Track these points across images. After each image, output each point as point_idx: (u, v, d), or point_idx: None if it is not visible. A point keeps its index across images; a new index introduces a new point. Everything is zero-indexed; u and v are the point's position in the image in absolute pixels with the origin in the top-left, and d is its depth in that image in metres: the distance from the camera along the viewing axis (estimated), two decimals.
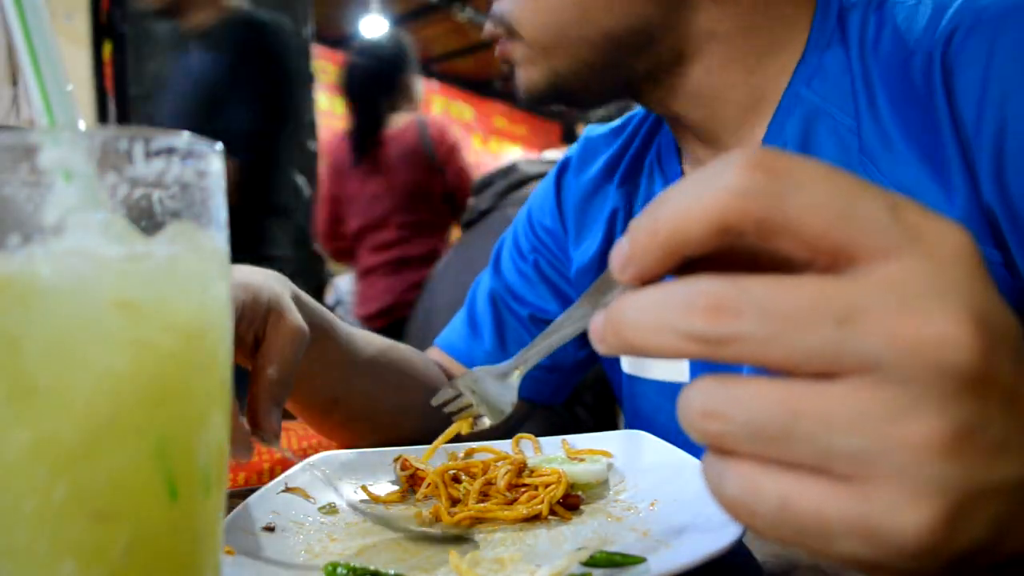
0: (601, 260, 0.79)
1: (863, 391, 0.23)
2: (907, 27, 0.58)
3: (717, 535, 0.40)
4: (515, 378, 0.50)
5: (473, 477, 0.54)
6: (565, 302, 0.83)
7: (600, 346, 0.27)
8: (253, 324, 0.57)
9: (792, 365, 0.23)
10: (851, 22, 0.61)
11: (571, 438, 0.63)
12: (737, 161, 0.24)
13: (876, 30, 0.59)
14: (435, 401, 0.56)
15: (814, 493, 0.24)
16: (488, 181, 1.88)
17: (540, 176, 1.77)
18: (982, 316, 0.23)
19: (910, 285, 0.23)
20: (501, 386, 0.50)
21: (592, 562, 0.40)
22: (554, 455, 0.61)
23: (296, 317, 0.59)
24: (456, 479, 0.55)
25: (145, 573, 0.27)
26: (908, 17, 0.58)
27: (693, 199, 0.24)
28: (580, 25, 0.62)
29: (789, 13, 0.63)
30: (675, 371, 0.71)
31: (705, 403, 0.25)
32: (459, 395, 0.53)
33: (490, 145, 9.33)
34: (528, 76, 0.66)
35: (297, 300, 0.62)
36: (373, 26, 7.40)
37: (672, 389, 0.72)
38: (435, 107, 9.26)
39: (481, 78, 8.49)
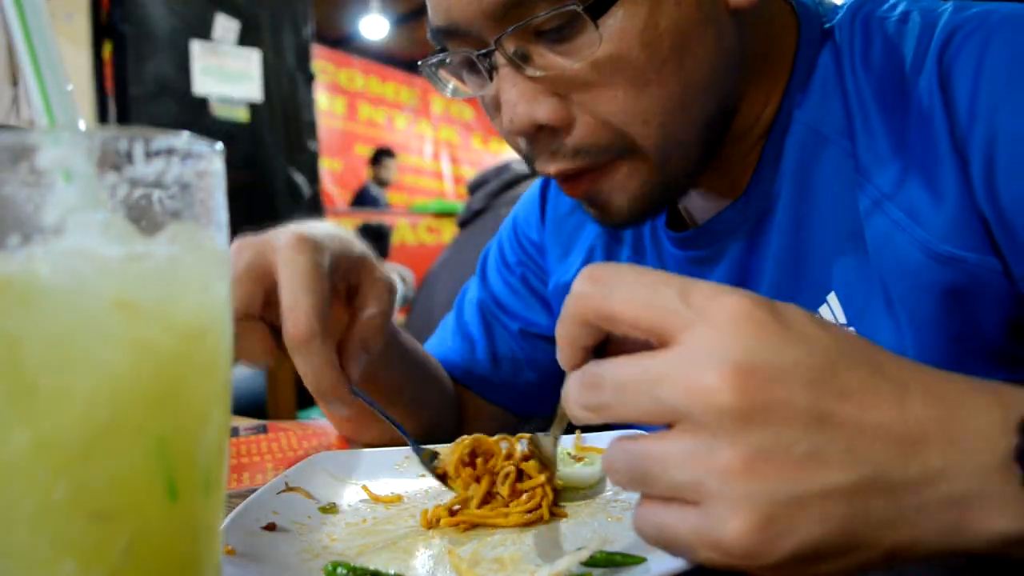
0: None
1: (683, 435, 0.31)
2: (896, 44, 0.57)
3: None
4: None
5: (488, 458, 0.53)
6: (555, 316, 0.83)
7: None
8: (348, 273, 0.59)
9: (641, 421, 0.32)
10: (839, 41, 0.59)
11: (571, 438, 0.63)
12: (581, 275, 0.35)
13: (865, 46, 0.58)
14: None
15: (672, 518, 0.32)
16: (482, 180, 1.88)
17: (530, 176, 1.77)
18: (745, 364, 0.30)
19: (696, 350, 0.31)
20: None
21: (592, 562, 0.40)
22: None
23: (386, 272, 0.61)
24: (472, 460, 0.54)
25: (145, 573, 0.27)
26: (897, 32, 0.57)
27: (565, 310, 0.36)
28: (686, 126, 0.55)
29: (774, 36, 0.61)
30: None
31: (606, 463, 0.34)
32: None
33: (490, 145, 9.34)
34: (635, 197, 0.57)
35: (388, 285, 0.64)
36: (373, 26, 7.40)
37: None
38: (435, 107, 9.27)
39: None
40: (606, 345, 0.36)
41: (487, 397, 0.84)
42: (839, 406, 0.30)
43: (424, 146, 8.93)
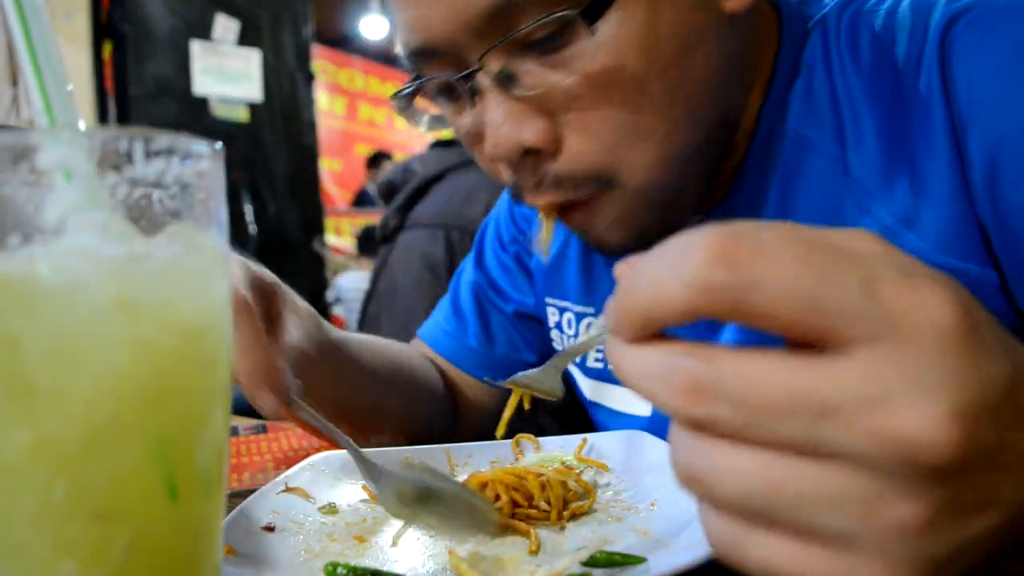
0: (556, 264, 0.76)
1: (841, 476, 0.23)
2: (889, 36, 0.53)
3: None
4: (555, 374, 0.47)
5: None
6: (540, 295, 0.81)
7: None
8: (263, 297, 0.55)
9: (769, 447, 0.24)
10: (827, 40, 0.56)
11: (573, 438, 0.63)
12: (699, 250, 0.24)
13: (853, 44, 0.55)
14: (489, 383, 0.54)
15: (791, 556, 0.25)
16: (390, 187, 1.83)
17: (439, 178, 1.73)
18: (961, 407, 0.23)
19: (886, 376, 0.23)
20: (547, 379, 0.47)
21: (592, 562, 0.40)
22: (553, 455, 0.61)
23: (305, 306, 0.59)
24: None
25: (145, 573, 0.27)
26: (887, 25, 0.54)
27: (667, 289, 0.25)
28: (687, 139, 0.51)
29: (759, 37, 0.58)
30: (636, 406, 0.70)
31: (688, 469, 0.26)
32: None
33: None
34: (625, 230, 0.53)
35: (308, 311, 0.62)
36: (373, 26, 7.40)
37: (633, 420, 0.70)
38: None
39: None
40: None
41: (482, 377, 0.83)
42: (1009, 436, 0.25)
43: (424, 146, 8.91)
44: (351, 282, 4.11)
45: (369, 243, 4.28)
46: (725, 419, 0.24)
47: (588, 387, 0.75)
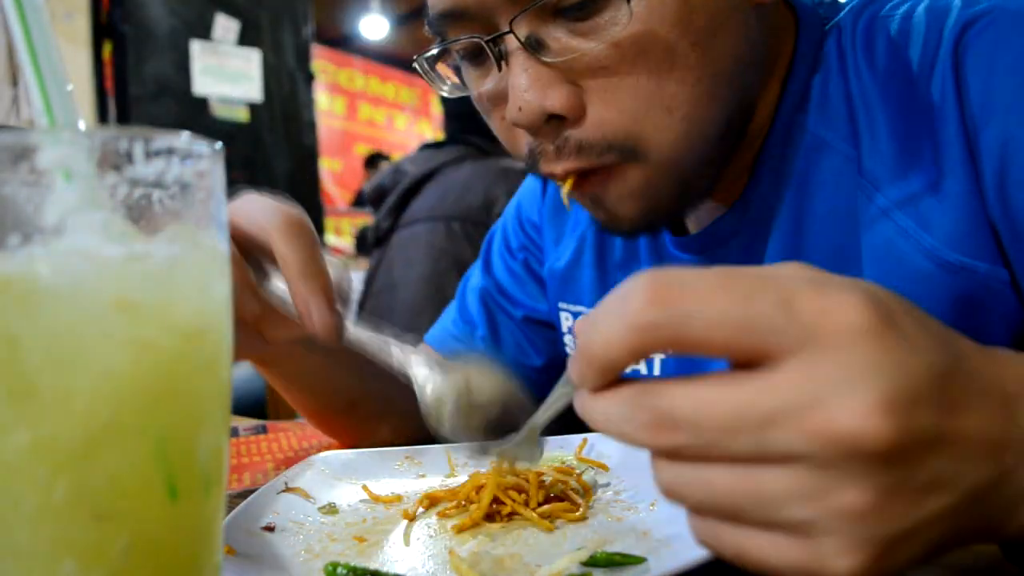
0: (569, 271, 0.77)
1: (793, 475, 0.26)
2: (902, 42, 0.54)
3: None
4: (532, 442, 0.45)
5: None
6: (550, 301, 0.82)
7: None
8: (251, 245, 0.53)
9: (728, 461, 0.27)
10: (843, 42, 0.57)
11: (573, 438, 0.63)
12: (635, 294, 0.28)
13: (869, 47, 0.56)
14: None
15: (761, 545, 0.28)
16: (380, 191, 1.79)
17: (430, 176, 1.71)
18: (887, 396, 0.25)
19: (814, 380, 0.26)
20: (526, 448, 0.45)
21: (592, 562, 0.40)
22: (553, 454, 0.61)
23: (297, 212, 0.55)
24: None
25: (145, 573, 0.27)
26: (902, 29, 0.55)
27: (610, 335, 0.28)
28: (709, 118, 0.52)
29: (777, 36, 0.58)
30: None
31: (666, 487, 0.29)
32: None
33: None
34: (646, 204, 0.54)
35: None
36: (373, 26, 7.40)
37: None
38: (435, 107, 9.26)
39: None
40: None
41: None
42: (951, 423, 0.27)
43: None
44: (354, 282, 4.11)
45: (367, 243, 4.28)
46: (688, 444, 0.27)
47: None
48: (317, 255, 0.50)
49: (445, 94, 0.59)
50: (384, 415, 0.73)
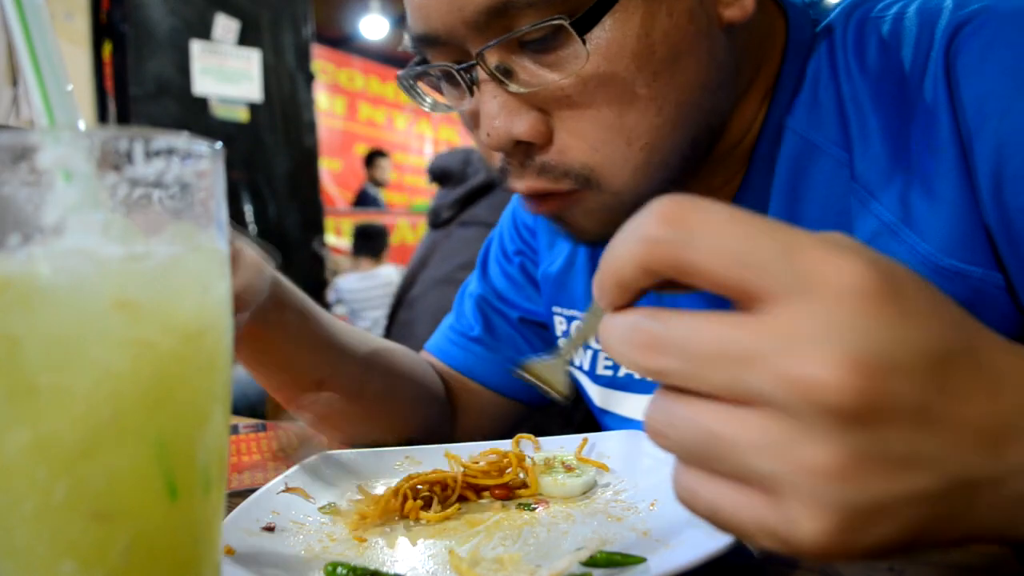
0: (562, 276, 0.77)
1: (763, 421, 0.26)
2: (893, 43, 0.54)
3: (717, 535, 0.40)
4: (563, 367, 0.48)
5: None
6: (547, 304, 0.82)
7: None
8: None
9: (709, 394, 0.27)
10: (834, 44, 0.57)
11: (573, 438, 0.63)
12: (652, 213, 0.28)
13: (860, 49, 0.55)
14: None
15: (733, 501, 0.28)
16: (445, 172, 1.79)
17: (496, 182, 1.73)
18: (863, 355, 0.25)
19: (798, 328, 0.26)
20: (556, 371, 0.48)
21: (592, 562, 0.40)
22: (553, 454, 0.61)
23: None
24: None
25: (145, 573, 0.27)
26: (894, 31, 0.54)
27: (622, 248, 0.29)
28: (671, 146, 0.52)
29: (763, 42, 0.58)
30: (640, 410, 0.70)
31: (651, 423, 0.29)
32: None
33: None
34: (603, 225, 0.55)
35: (275, 280, 0.61)
36: (373, 26, 7.40)
37: (637, 426, 0.70)
38: None
39: None
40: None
41: (484, 382, 0.83)
42: (941, 402, 0.27)
43: (424, 146, 8.93)
44: (351, 283, 4.11)
45: (366, 242, 4.28)
46: (673, 370, 0.28)
47: (598, 395, 0.75)
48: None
49: (427, 110, 0.60)
50: (355, 397, 0.72)
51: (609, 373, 0.74)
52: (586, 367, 0.76)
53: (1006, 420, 0.28)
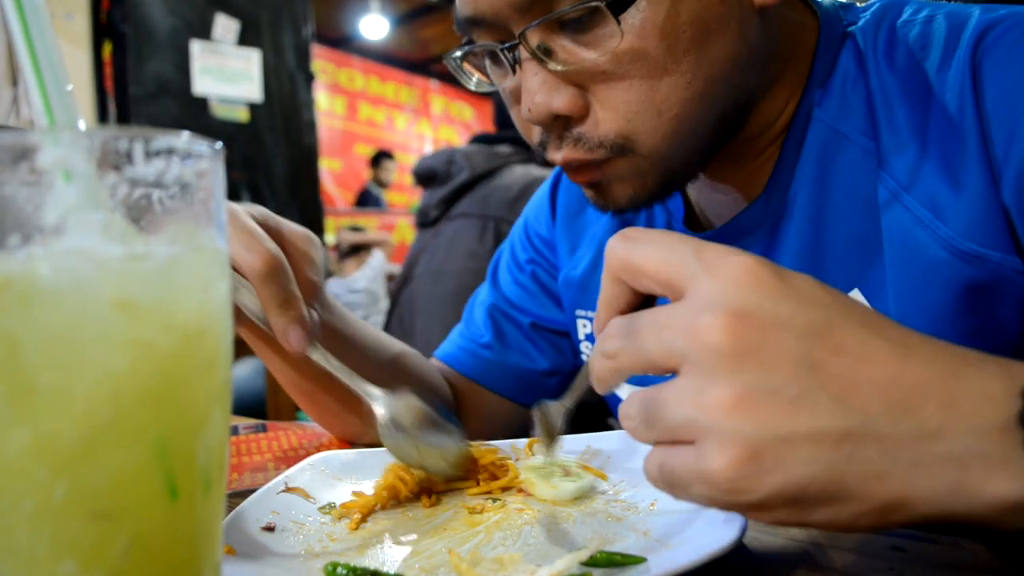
0: (586, 279, 0.79)
1: (683, 376, 0.33)
2: (922, 44, 0.57)
3: (717, 535, 0.40)
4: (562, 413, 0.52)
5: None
6: (565, 309, 0.84)
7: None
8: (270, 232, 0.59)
9: (652, 365, 0.35)
10: (863, 44, 0.60)
11: (573, 438, 0.63)
12: (615, 235, 0.38)
13: (889, 48, 0.59)
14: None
15: (671, 456, 0.34)
16: (431, 173, 1.81)
17: (488, 175, 1.74)
18: (741, 309, 0.32)
19: (699, 298, 0.33)
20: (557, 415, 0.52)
21: (592, 562, 0.40)
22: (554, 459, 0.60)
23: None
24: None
25: (145, 573, 0.27)
26: (923, 34, 0.58)
27: (603, 280, 0.39)
28: (699, 117, 0.56)
29: (795, 35, 0.61)
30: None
31: (621, 411, 0.36)
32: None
33: None
34: (635, 189, 0.59)
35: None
36: (373, 26, 7.40)
37: None
38: (435, 107, 9.27)
39: None
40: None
41: (493, 387, 0.84)
42: (832, 358, 0.31)
43: (424, 146, 8.93)
44: (336, 287, 4.11)
45: (350, 250, 4.32)
46: (621, 347, 0.36)
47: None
48: (290, 289, 0.57)
49: (472, 88, 0.64)
50: (342, 413, 0.74)
51: None
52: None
53: (915, 385, 0.31)
